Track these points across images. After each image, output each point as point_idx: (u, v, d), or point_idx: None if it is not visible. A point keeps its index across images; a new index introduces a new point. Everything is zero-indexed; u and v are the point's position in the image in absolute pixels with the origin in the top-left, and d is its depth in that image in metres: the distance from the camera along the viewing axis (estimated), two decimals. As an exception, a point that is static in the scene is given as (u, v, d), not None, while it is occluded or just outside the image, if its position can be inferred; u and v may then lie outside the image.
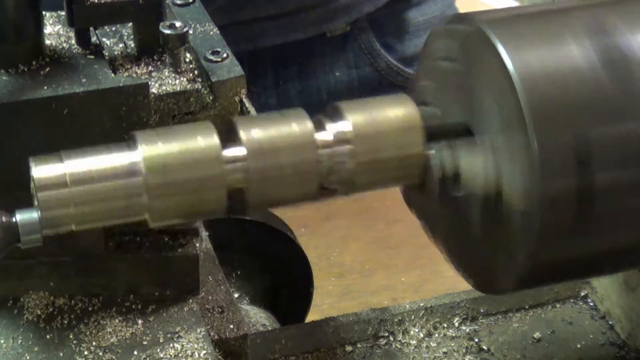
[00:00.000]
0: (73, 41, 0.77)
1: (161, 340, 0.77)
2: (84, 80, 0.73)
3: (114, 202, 0.64)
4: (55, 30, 0.79)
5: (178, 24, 0.75)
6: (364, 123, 0.67)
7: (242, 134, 0.65)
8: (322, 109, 0.69)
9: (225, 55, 0.77)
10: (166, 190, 0.64)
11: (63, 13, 0.78)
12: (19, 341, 0.77)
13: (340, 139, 0.67)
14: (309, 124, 0.67)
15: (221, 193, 0.65)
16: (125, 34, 0.80)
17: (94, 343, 0.77)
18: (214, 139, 0.65)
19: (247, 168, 0.65)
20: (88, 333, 0.77)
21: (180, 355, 0.76)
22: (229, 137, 0.66)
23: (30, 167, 0.64)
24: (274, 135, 0.66)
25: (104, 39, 0.79)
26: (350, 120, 0.67)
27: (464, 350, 0.92)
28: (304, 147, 0.66)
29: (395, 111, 0.68)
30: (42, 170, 0.63)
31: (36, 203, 0.64)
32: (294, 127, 0.66)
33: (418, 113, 0.68)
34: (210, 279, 0.87)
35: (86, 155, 0.64)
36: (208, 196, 0.65)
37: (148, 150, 0.64)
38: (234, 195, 0.66)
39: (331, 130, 0.67)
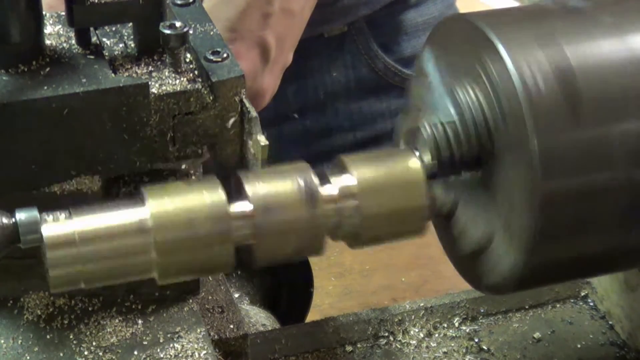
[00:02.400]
0: (73, 41, 0.77)
1: (161, 340, 0.77)
2: (84, 80, 0.73)
3: (123, 260, 0.64)
4: (55, 30, 0.79)
5: (178, 24, 0.75)
6: (368, 178, 0.68)
7: (248, 190, 0.66)
8: (320, 111, 0.70)
9: (225, 55, 0.77)
10: (174, 246, 0.64)
11: (63, 13, 0.78)
12: (19, 341, 0.77)
13: (346, 194, 0.67)
14: (314, 180, 0.67)
15: (229, 249, 0.65)
16: (125, 34, 0.80)
17: (94, 343, 0.77)
18: (221, 195, 0.65)
19: (255, 224, 0.65)
20: (88, 333, 0.77)
21: (180, 355, 0.76)
22: (235, 193, 0.66)
23: (40, 224, 0.63)
24: (280, 191, 0.66)
25: (104, 39, 0.79)
26: (355, 175, 0.67)
27: (464, 350, 0.92)
28: (311, 203, 0.66)
29: (399, 165, 0.69)
30: (51, 229, 0.63)
31: (46, 261, 0.64)
32: (300, 182, 0.66)
33: (421, 167, 0.69)
34: (210, 279, 0.86)
35: (95, 212, 0.64)
36: (216, 252, 0.65)
37: (156, 207, 0.64)
38: (242, 251, 0.66)
39: (336, 185, 0.67)
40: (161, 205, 0.64)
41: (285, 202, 0.66)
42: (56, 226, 0.63)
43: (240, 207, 0.65)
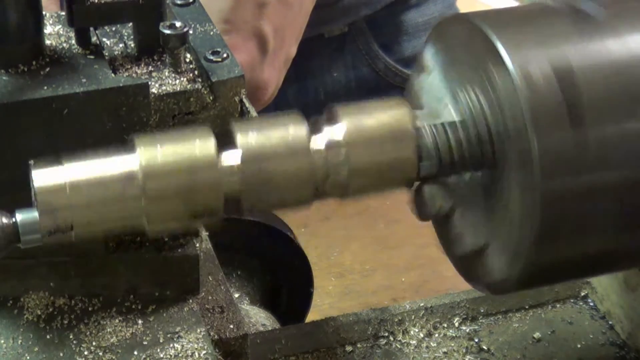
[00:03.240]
0: (73, 41, 0.77)
1: (161, 340, 0.77)
2: (84, 80, 0.73)
3: (113, 207, 0.65)
4: (55, 30, 0.79)
5: (178, 24, 0.75)
6: (357, 128, 0.68)
7: (239, 139, 0.66)
8: (321, 111, 0.70)
9: (225, 55, 0.77)
10: (163, 194, 0.65)
11: (63, 13, 0.78)
12: (19, 341, 0.77)
13: (335, 144, 0.67)
14: (304, 129, 0.67)
15: (218, 197, 0.66)
16: (125, 34, 0.80)
17: (94, 343, 0.77)
18: (211, 145, 0.65)
19: (243, 173, 0.66)
20: (88, 333, 0.77)
21: (180, 355, 0.76)
22: (226, 141, 0.66)
23: (30, 171, 0.64)
24: (270, 140, 0.66)
25: (104, 39, 0.79)
26: (345, 125, 0.67)
27: (464, 350, 0.92)
28: (300, 153, 0.66)
29: (389, 115, 0.69)
30: (42, 175, 0.64)
31: (36, 206, 0.64)
32: (290, 131, 0.67)
33: (410, 117, 0.69)
34: (210, 279, 0.86)
35: (86, 160, 0.65)
36: (205, 201, 0.66)
37: (146, 155, 0.64)
38: (230, 199, 0.66)
39: (326, 135, 0.67)
40: (151, 153, 0.64)
41: (274, 152, 0.66)
42: (47, 172, 0.64)
43: (230, 156, 0.66)
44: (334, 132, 0.67)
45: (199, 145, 0.65)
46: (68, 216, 0.64)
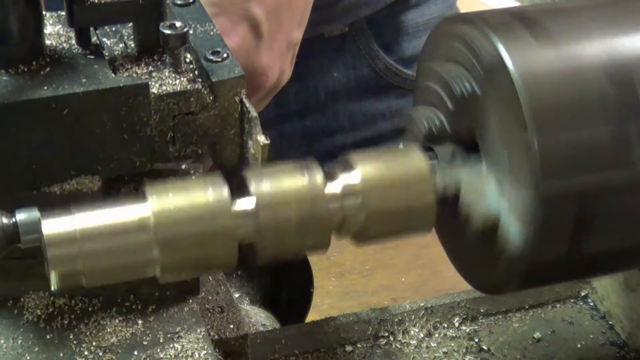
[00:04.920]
0: (73, 41, 0.77)
1: (161, 341, 0.77)
2: (84, 80, 0.73)
3: (124, 258, 0.64)
4: (55, 30, 0.79)
5: (178, 24, 0.75)
6: (374, 175, 0.67)
7: (253, 187, 0.65)
8: (321, 111, 0.70)
9: (225, 55, 0.77)
10: (177, 244, 0.64)
11: (63, 13, 0.78)
12: (19, 341, 0.77)
13: (351, 192, 0.67)
14: (319, 177, 0.66)
15: (232, 246, 0.65)
16: (125, 34, 0.80)
17: (94, 343, 0.77)
18: (224, 192, 0.64)
19: (258, 222, 0.65)
20: (88, 333, 0.77)
21: (180, 355, 0.76)
22: (239, 190, 0.66)
23: (40, 222, 0.63)
24: (284, 189, 0.66)
25: (104, 39, 0.79)
26: (361, 173, 0.67)
27: (464, 350, 0.92)
28: (315, 201, 0.66)
29: (406, 162, 0.69)
30: (51, 226, 0.63)
31: (46, 259, 0.63)
32: (305, 179, 0.66)
33: (428, 164, 0.68)
34: (210, 279, 0.87)
35: (96, 209, 0.64)
36: (219, 250, 0.65)
37: (158, 204, 0.64)
38: (244, 249, 0.65)
39: (342, 182, 0.67)
40: (163, 202, 0.64)
41: (290, 200, 0.65)
42: (56, 223, 0.63)
43: (244, 204, 0.65)
44: (350, 179, 0.67)
45: (212, 194, 0.64)
46: (79, 267, 0.63)
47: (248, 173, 0.66)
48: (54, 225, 0.63)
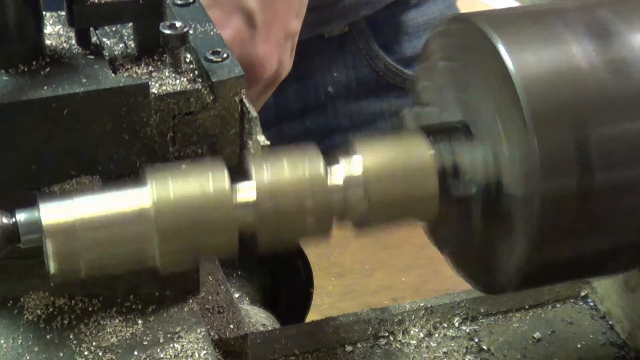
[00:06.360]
0: (73, 41, 0.77)
1: (161, 340, 0.77)
2: (84, 80, 0.73)
3: (124, 248, 0.64)
4: (55, 30, 0.79)
5: (178, 24, 0.75)
6: (376, 164, 0.67)
7: (254, 175, 0.65)
8: (321, 111, 0.69)
9: (225, 55, 0.77)
10: (177, 233, 0.63)
11: (63, 13, 0.78)
12: (19, 341, 0.77)
13: (353, 180, 0.66)
14: (321, 164, 0.66)
15: (232, 235, 0.64)
16: (125, 34, 0.80)
17: (94, 343, 0.77)
18: (225, 181, 0.64)
19: (259, 210, 0.64)
20: (88, 333, 0.77)
21: (180, 355, 0.76)
22: (240, 178, 0.65)
23: (39, 209, 0.63)
24: (286, 177, 0.65)
25: (104, 39, 0.79)
26: (363, 161, 0.67)
27: (464, 350, 0.92)
28: (317, 190, 0.65)
29: (408, 150, 0.68)
30: (50, 215, 0.63)
31: (45, 249, 0.63)
32: (307, 167, 0.65)
33: (432, 153, 0.68)
34: (210, 279, 0.87)
35: (96, 197, 0.63)
36: (219, 239, 0.64)
37: (158, 193, 0.63)
38: (245, 237, 0.65)
39: (344, 170, 0.67)
40: (164, 191, 0.63)
41: (291, 189, 0.65)
42: (55, 213, 0.63)
43: (245, 194, 0.65)
44: (352, 167, 0.66)
45: (213, 182, 0.63)
46: (78, 258, 0.63)
47: (250, 159, 0.66)
48: (54, 214, 0.62)
